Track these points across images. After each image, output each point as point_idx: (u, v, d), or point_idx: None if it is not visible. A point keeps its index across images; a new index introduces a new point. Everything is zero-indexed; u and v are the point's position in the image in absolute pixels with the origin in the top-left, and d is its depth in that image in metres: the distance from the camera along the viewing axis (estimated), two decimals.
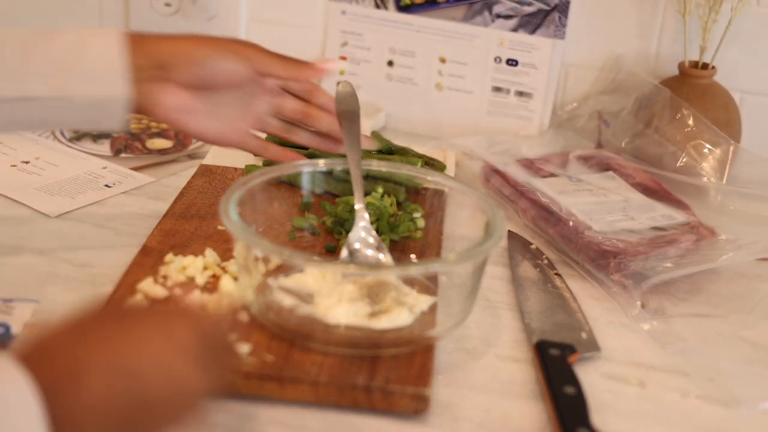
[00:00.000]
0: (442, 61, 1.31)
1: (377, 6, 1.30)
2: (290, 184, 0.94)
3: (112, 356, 0.56)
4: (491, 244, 0.78)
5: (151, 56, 0.81)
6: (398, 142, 1.14)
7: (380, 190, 0.98)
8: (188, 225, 0.95)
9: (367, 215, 0.89)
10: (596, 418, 0.74)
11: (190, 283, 0.85)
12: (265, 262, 0.83)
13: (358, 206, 0.89)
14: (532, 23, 1.27)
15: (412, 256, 0.93)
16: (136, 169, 1.14)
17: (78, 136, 1.21)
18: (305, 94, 0.94)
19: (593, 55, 1.32)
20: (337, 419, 0.73)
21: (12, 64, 0.79)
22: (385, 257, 0.87)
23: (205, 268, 0.87)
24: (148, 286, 0.83)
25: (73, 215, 1.01)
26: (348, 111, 0.93)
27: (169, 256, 0.88)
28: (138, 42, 0.81)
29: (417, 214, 0.97)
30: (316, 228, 0.95)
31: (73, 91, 0.80)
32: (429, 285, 0.86)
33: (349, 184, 0.99)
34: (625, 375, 0.82)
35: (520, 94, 1.31)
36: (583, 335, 0.85)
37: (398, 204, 1.00)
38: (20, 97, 0.79)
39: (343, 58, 1.32)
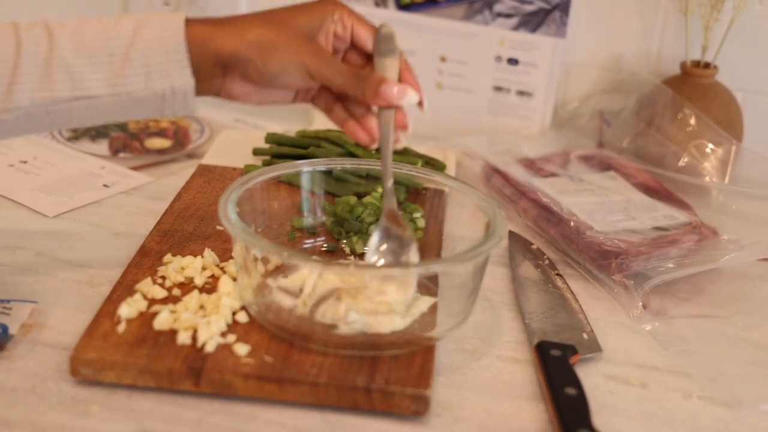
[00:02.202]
0: (443, 60, 1.31)
1: (377, 4, 1.30)
2: (289, 183, 0.93)
3: None
4: (492, 245, 0.78)
5: (212, 56, 0.80)
6: None
7: (380, 190, 0.98)
8: (187, 225, 0.95)
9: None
10: (597, 419, 0.74)
11: (188, 284, 0.84)
12: (264, 262, 0.83)
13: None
14: (532, 22, 1.26)
15: None
16: (134, 168, 1.13)
17: (76, 136, 1.20)
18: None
19: (594, 54, 1.32)
20: (337, 420, 0.73)
21: (68, 62, 0.78)
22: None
23: (204, 268, 0.87)
24: (147, 287, 0.83)
25: (71, 215, 1.01)
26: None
27: (168, 257, 0.88)
28: (198, 38, 0.79)
29: (417, 214, 0.97)
30: (316, 228, 0.94)
31: (132, 87, 0.79)
32: (429, 285, 0.85)
33: (348, 184, 0.98)
34: (626, 376, 0.81)
35: (521, 93, 1.30)
36: (585, 336, 0.85)
37: (398, 204, 0.99)
38: (79, 96, 0.78)
39: None
